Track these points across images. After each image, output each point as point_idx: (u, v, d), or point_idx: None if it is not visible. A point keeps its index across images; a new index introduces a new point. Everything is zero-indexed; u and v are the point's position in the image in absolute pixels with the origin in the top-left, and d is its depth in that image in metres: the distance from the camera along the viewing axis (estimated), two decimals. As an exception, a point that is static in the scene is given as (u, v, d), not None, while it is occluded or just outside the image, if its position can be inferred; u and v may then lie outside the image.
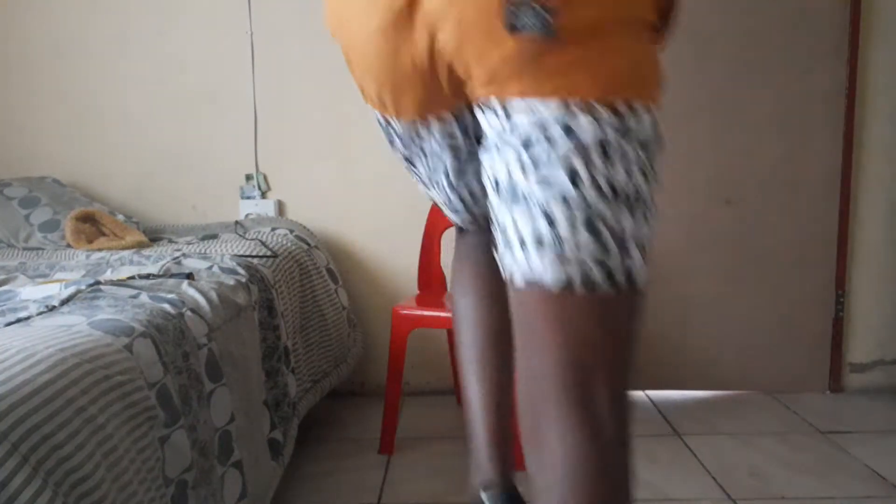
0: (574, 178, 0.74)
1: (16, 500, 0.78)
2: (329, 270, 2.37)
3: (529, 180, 0.75)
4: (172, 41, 2.57)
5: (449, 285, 2.45)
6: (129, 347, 1.11)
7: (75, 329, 1.10)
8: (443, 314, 2.15)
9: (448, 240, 2.47)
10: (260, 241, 2.18)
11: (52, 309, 1.27)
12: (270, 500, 1.56)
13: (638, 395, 2.61)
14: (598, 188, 0.74)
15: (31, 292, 1.40)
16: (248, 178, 2.61)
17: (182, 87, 2.58)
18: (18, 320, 1.18)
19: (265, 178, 2.62)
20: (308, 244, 2.34)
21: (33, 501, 0.79)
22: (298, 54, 2.55)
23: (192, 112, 2.59)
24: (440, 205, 1.06)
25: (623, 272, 0.76)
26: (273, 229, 2.40)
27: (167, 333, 1.24)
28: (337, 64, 2.51)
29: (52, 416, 0.88)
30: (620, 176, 0.75)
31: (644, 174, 0.76)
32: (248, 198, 2.61)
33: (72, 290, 1.36)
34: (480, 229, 1.08)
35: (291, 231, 2.39)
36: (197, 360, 1.31)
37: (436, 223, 2.45)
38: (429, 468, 2.01)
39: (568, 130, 0.73)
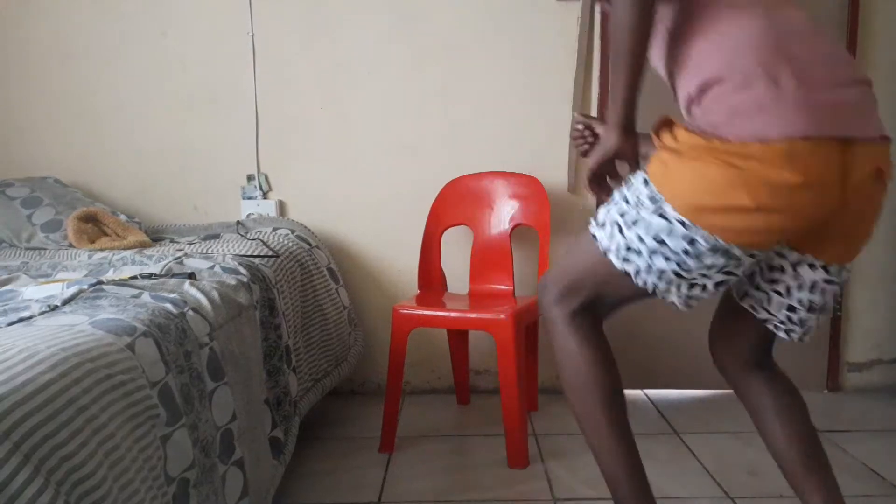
0: None
1: (18, 499, 0.78)
2: (330, 270, 2.38)
3: None
4: (174, 42, 2.58)
5: (448, 285, 2.47)
6: (130, 347, 1.12)
7: (77, 328, 1.10)
8: (442, 313, 2.15)
9: (448, 240, 2.48)
10: (261, 240, 2.18)
11: (54, 308, 1.27)
12: (272, 499, 1.57)
13: (637, 394, 2.61)
14: None
15: (33, 292, 1.41)
16: (250, 178, 2.62)
17: (184, 87, 2.59)
18: (21, 320, 1.19)
19: (266, 178, 2.62)
20: (309, 244, 2.35)
21: (35, 500, 0.80)
22: (299, 55, 2.56)
23: (193, 112, 2.60)
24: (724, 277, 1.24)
25: None
26: (274, 229, 2.40)
27: (169, 333, 1.25)
28: (337, 64, 2.54)
29: (54, 415, 0.88)
30: None
31: None
32: (250, 198, 2.62)
33: (74, 289, 1.37)
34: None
35: (293, 231, 2.40)
36: (199, 360, 1.32)
37: (436, 223, 2.46)
38: (428, 467, 2.02)
39: None
